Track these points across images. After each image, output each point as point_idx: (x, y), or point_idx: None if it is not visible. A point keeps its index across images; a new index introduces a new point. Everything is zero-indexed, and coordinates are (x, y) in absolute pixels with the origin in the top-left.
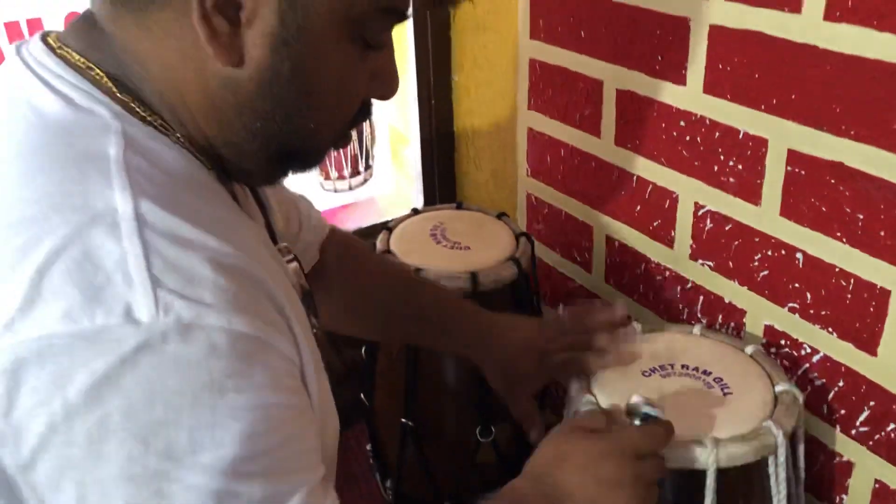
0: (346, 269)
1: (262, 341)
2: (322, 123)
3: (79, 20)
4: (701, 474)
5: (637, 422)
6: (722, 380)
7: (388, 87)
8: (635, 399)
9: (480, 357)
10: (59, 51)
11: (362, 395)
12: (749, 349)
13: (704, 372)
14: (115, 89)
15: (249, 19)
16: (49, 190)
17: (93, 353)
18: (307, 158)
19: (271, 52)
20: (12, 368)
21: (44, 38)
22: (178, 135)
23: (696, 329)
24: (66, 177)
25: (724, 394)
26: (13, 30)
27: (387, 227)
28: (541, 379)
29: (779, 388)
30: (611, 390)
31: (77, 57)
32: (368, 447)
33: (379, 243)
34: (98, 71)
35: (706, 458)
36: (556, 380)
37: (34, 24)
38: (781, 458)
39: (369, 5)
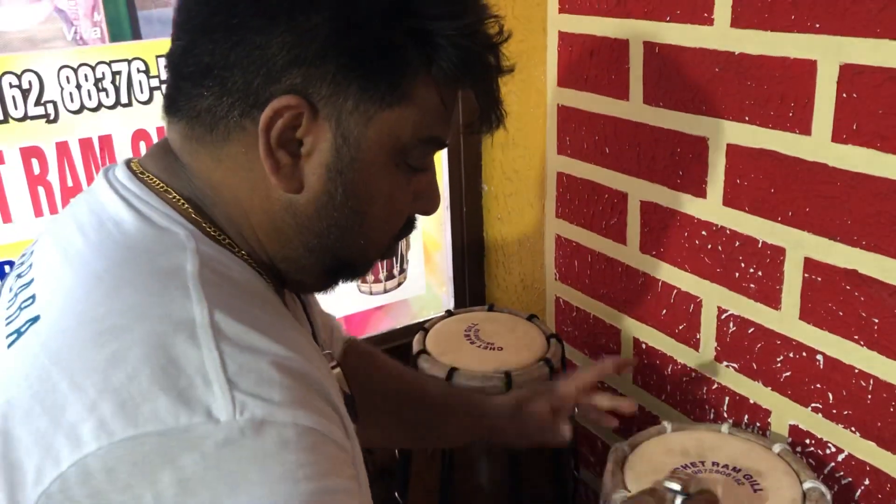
0: (363, 378)
1: (323, 434)
2: (371, 239)
3: (157, 148)
4: None
5: (679, 500)
6: (751, 476)
7: (430, 205)
8: (672, 485)
9: (492, 425)
10: (140, 175)
11: (396, 494)
12: (776, 448)
13: (734, 469)
14: (190, 210)
15: (308, 153)
16: (135, 301)
17: (180, 450)
18: (357, 269)
19: (327, 180)
20: (108, 467)
21: (128, 164)
22: (243, 251)
23: (724, 427)
24: (149, 290)
25: (755, 490)
26: (86, 145)
27: (423, 327)
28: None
29: (806, 486)
30: (645, 483)
31: (157, 182)
32: None
33: (415, 343)
34: (175, 194)
35: None
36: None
37: (105, 140)
38: None
39: (412, 137)
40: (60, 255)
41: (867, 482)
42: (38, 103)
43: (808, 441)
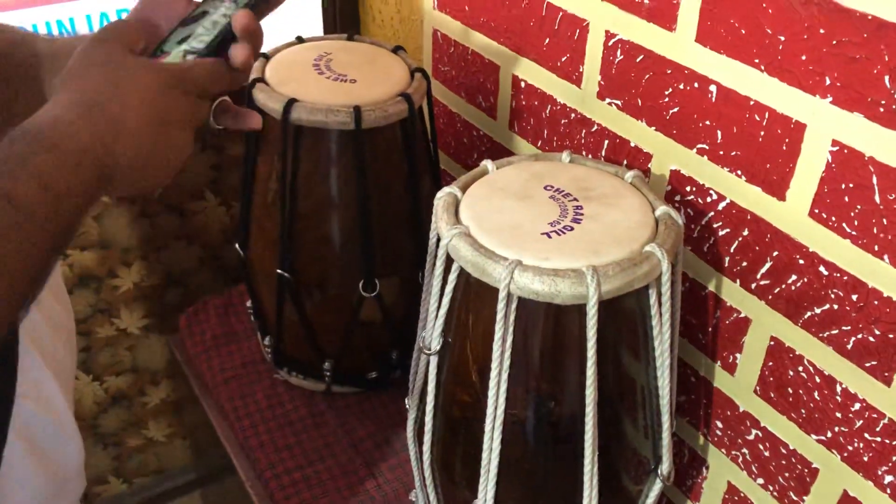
0: None
1: None
2: None
3: None
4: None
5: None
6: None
7: None
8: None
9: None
10: None
11: (237, 245)
12: (628, 176)
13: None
14: None
15: None
16: None
17: None
18: None
19: None
20: None
21: None
22: None
23: (565, 156)
24: None
25: (577, 215)
26: None
27: (264, 55)
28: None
29: (659, 212)
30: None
31: None
32: (248, 303)
33: (252, 71)
34: None
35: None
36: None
37: None
38: (666, 286)
39: None
40: None
41: (746, 233)
42: None
43: (688, 189)
